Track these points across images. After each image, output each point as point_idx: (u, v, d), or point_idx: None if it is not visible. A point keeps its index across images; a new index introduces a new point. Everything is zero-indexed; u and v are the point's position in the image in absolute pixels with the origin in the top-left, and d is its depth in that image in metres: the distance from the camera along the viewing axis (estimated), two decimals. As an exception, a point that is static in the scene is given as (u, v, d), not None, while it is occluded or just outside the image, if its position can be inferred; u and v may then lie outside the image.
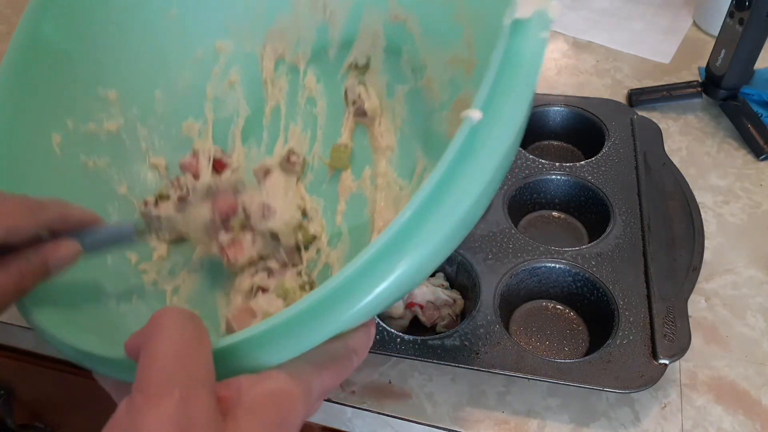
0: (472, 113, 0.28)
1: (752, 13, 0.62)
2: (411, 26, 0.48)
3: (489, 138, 0.28)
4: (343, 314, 0.26)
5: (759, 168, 0.65)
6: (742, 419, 0.47)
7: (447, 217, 0.27)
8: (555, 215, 0.62)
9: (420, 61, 0.48)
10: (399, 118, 0.50)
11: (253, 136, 0.54)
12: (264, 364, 0.27)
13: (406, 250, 0.26)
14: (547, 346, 0.51)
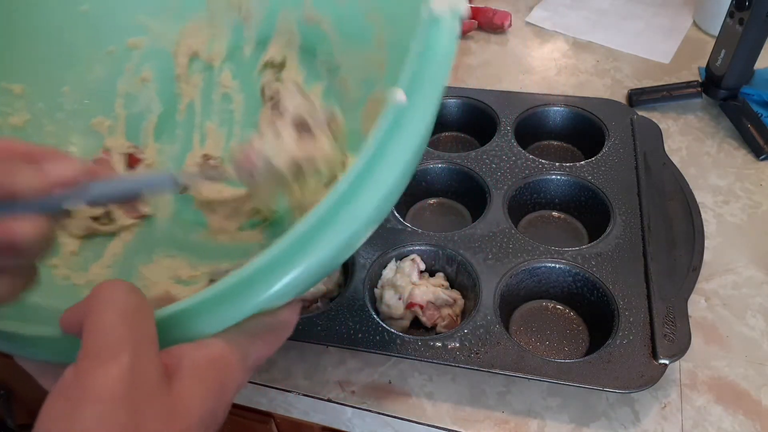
0: (397, 94, 0.30)
1: (752, 13, 0.62)
2: (325, 27, 0.51)
3: (410, 121, 0.31)
4: (262, 293, 0.28)
5: (759, 168, 0.65)
6: (742, 419, 0.47)
7: (371, 197, 0.29)
8: (555, 215, 0.62)
9: (335, 60, 0.51)
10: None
11: (167, 133, 0.54)
12: (200, 333, 0.28)
13: (319, 239, 0.28)
14: (547, 346, 0.51)
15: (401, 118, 0.30)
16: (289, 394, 0.50)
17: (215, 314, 0.28)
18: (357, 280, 0.52)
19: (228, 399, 0.29)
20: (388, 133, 0.30)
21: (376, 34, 0.47)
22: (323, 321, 0.50)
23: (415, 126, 0.31)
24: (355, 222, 0.29)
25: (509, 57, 0.83)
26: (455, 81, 0.79)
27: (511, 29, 0.87)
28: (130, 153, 0.52)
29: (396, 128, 0.30)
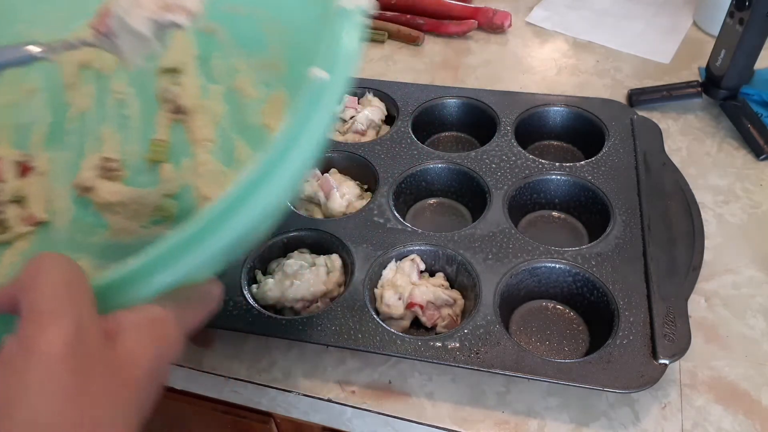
0: (318, 72, 0.35)
1: (752, 13, 0.62)
2: (221, 37, 0.54)
3: (325, 99, 0.35)
4: (186, 262, 0.31)
5: (759, 168, 0.65)
6: (742, 419, 0.47)
7: (284, 174, 0.32)
8: (555, 215, 0.62)
9: (232, 65, 0.55)
10: (218, 113, 0.55)
11: (59, 141, 0.55)
12: (133, 300, 0.30)
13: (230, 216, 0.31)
14: (547, 346, 0.51)
15: (320, 94, 0.34)
16: (289, 394, 0.50)
17: (145, 282, 0.30)
18: (357, 280, 0.52)
19: (169, 356, 0.31)
20: (307, 109, 0.34)
21: (271, 42, 0.51)
22: (323, 321, 0.50)
23: (331, 102, 0.35)
24: (270, 196, 0.32)
25: (509, 57, 0.83)
26: (455, 81, 0.79)
27: (511, 29, 0.87)
28: (21, 161, 0.53)
29: (315, 104, 0.34)
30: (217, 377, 0.52)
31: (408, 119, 0.67)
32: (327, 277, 0.54)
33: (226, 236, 0.31)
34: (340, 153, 0.65)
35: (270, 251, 0.57)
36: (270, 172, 0.32)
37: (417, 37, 0.85)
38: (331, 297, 0.54)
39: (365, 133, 0.68)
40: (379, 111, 0.70)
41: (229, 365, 0.52)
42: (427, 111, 0.69)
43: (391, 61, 0.83)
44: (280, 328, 0.50)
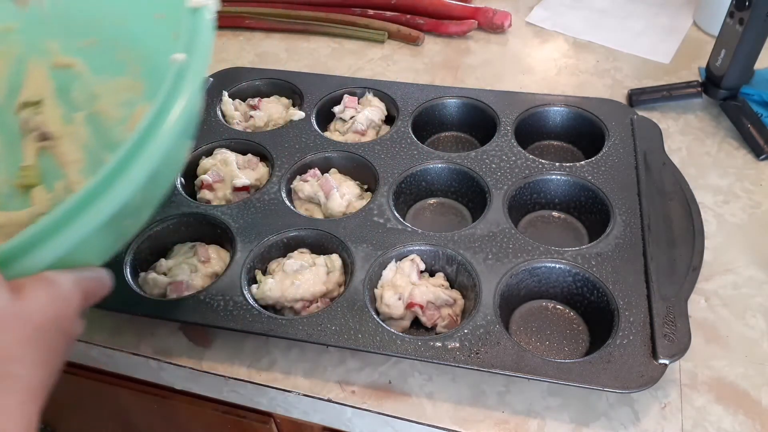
0: (178, 56, 0.40)
1: (752, 13, 0.62)
2: (78, 69, 0.57)
3: (189, 77, 0.40)
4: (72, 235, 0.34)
5: (759, 168, 0.65)
6: (742, 419, 0.47)
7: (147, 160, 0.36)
8: (555, 215, 0.62)
9: (91, 92, 0.58)
10: (83, 136, 0.58)
11: None
12: (27, 271, 0.34)
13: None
14: (547, 346, 0.51)
15: (180, 76, 0.39)
16: (289, 394, 0.50)
17: (31, 255, 0.34)
18: (357, 280, 0.52)
19: (70, 312, 0.35)
20: (171, 90, 0.38)
21: (129, 66, 0.56)
22: (323, 321, 0.50)
23: (193, 83, 0.40)
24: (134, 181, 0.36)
25: (509, 57, 0.83)
26: (455, 81, 0.79)
27: (511, 29, 0.87)
28: None
29: (177, 86, 0.39)
30: (217, 377, 0.52)
31: (408, 119, 0.67)
32: (327, 277, 0.54)
33: (93, 219, 0.35)
34: (340, 153, 0.65)
35: (270, 251, 0.57)
36: (135, 156, 0.36)
37: (417, 37, 0.85)
38: (331, 297, 0.54)
39: (365, 133, 0.68)
40: (379, 111, 0.70)
41: (229, 365, 0.52)
42: (427, 111, 0.69)
43: (391, 61, 0.83)
44: (280, 328, 0.50)
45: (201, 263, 0.56)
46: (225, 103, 0.71)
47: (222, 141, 0.67)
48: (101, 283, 0.40)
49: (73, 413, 0.80)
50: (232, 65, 0.79)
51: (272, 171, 0.63)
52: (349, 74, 0.81)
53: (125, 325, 0.55)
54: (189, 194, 0.62)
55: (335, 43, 0.87)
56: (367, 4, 0.89)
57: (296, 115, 0.69)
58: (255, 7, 0.91)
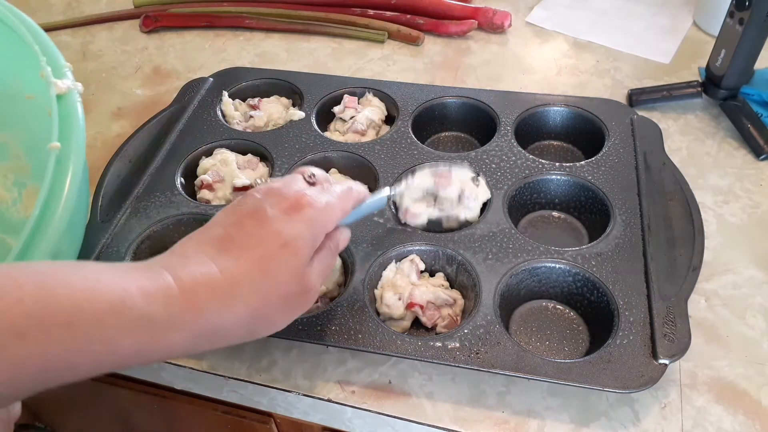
0: (54, 145, 0.46)
1: (752, 13, 0.62)
2: None
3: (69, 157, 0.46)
4: None
5: (759, 168, 0.65)
6: (742, 419, 0.47)
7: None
8: (555, 215, 0.62)
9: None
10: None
11: None
12: None
13: None
14: (547, 346, 0.51)
15: (59, 161, 0.45)
16: (289, 394, 0.50)
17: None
18: (357, 280, 0.52)
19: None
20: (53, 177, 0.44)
21: (12, 149, 0.60)
22: (323, 321, 0.50)
23: (77, 160, 0.46)
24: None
25: (509, 57, 0.83)
26: (455, 81, 0.79)
27: (511, 29, 0.87)
28: None
29: (59, 171, 0.45)
30: (217, 377, 0.52)
31: (408, 119, 0.67)
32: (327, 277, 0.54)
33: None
34: (340, 153, 0.65)
35: (270, 251, 0.57)
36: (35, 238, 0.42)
37: (417, 37, 0.85)
38: (331, 297, 0.54)
39: (365, 133, 0.68)
40: (379, 111, 0.70)
41: (229, 365, 0.52)
42: (427, 111, 0.69)
43: (391, 61, 0.83)
44: (280, 328, 0.50)
45: (201, 263, 0.56)
46: (225, 103, 0.71)
47: (222, 141, 0.67)
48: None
49: (73, 413, 0.80)
50: (232, 65, 0.79)
51: (272, 171, 0.63)
52: (349, 74, 0.81)
53: (125, 325, 0.55)
54: (189, 194, 0.62)
55: (335, 43, 0.87)
56: (367, 4, 0.89)
57: (296, 115, 0.69)
58: (255, 7, 0.91)
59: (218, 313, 0.36)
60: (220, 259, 0.37)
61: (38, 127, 0.51)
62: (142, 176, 0.62)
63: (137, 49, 0.88)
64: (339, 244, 0.45)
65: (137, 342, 0.33)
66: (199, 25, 0.91)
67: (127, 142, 0.65)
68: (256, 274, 0.37)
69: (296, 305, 0.40)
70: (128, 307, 0.32)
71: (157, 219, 0.58)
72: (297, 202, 0.40)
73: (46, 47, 0.52)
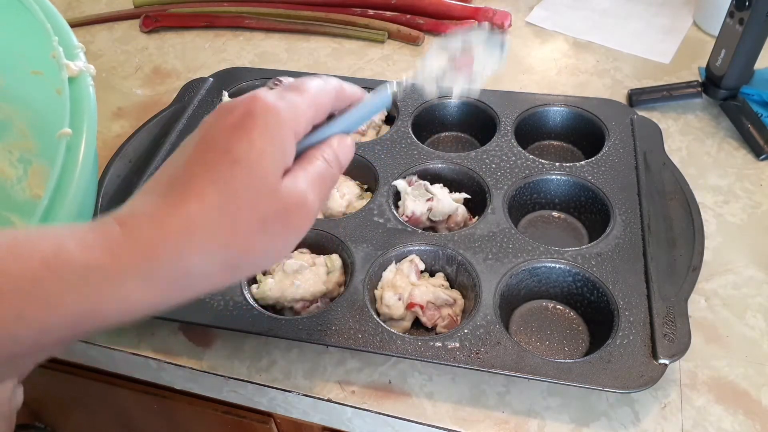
0: (65, 131, 0.44)
1: (752, 13, 0.62)
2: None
3: (80, 144, 0.44)
4: None
5: (759, 168, 0.65)
6: (742, 419, 0.47)
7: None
8: (555, 215, 0.62)
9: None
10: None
11: None
12: None
13: None
14: (547, 346, 0.51)
15: (70, 149, 0.43)
16: (289, 394, 0.50)
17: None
18: (357, 280, 0.52)
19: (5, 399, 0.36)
20: (63, 166, 0.42)
21: (16, 126, 0.59)
22: (323, 321, 0.50)
23: (89, 146, 0.44)
24: None
25: (509, 57, 0.83)
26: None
27: (511, 29, 0.87)
28: None
29: (69, 159, 0.43)
30: (217, 377, 0.52)
31: (408, 119, 0.67)
32: (327, 277, 0.54)
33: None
34: (340, 153, 0.64)
35: (270, 251, 0.57)
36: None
37: (417, 37, 0.85)
38: (331, 297, 0.54)
39: (365, 133, 0.68)
40: (379, 111, 0.70)
41: (229, 365, 0.52)
42: (427, 111, 0.69)
43: (391, 61, 0.83)
44: (280, 328, 0.50)
45: (201, 263, 0.56)
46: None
47: (222, 141, 0.67)
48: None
49: (73, 413, 0.80)
50: (232, 65, 0.79)
51: (272, 171, 0.63)
52: (349, 74, 0.81)
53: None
54: (189, 194, 0.62)
55: (335, 43, 0.87)
56: (367, 4, 0.89)
57: (296, 115, 0.69)
58: (255, 7, 0.91)
59: (177, 254, 0.31)
60: (169, 197, 0.32)
61: (45, 106, 0.49)
62: (142, 176, 0.62)
63: (137, 49, 0.88)
64: (338, 153, 0.38)
65: (84, 298, 0.29)
66: (199, 25, 0.91)
67: (127, 142, 0.65)
68: (210, 203, 0.32)
69: (285, 226, 0.34)
70: (64, 261, 0.28)
71: (157, 219, 0.58)
72: (247, 111, 0.33)
73: (59, 27, 0.50)
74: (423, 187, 0.59)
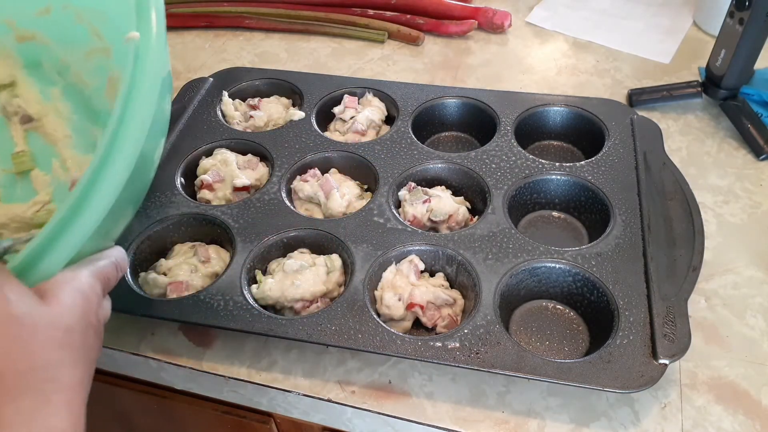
0: (133, 35, 0.39)
1: (752, 13, 0.62)
2: (42, 40, 0.58)
3: (144, 58, 0.39)
4: (76, 234, 0.37)
5: (759, 168, 0.65)
6: (742, 419, 0.47)
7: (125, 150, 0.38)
8: (555, 215, 0.62)
9: (61, 63, 0.59)
10: (65, 111, 0.59)
11: None
12: (45, 275, 0.36)
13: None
14: (547, 346, 0.51)
15: (139, 55, 0.39)
16: (289, 394, 0.50)
17: (47, 258, 0.36)
18: (357, 280, 0.52)
19: (94, 305, 0.38)
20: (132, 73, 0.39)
21: (91, 30, 0.55)
22: (323, 321, 0.50)
23: (153, 60, 0.40)
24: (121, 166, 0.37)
25: (509, 57, 0.83)
26: (455, 81, 0.79)
27: (511, 29, 0.87)
28: None
29: (138, 67, 0.39)
30: (217, 377, 0.52)
31: (408, 119, 0.67)
32: (327, 277, 0.54)
33: (90, 215, 0.37)
34: (340, 153, 0.65)
35: (270, 251, 0.57)
36: (115, 144, 0.37)
37: (417, 37, 0.85)
38: (331, 297, 0.54)
39: (365, 133, 0.68)
40: (379, 111, 0.70)
41: (229, 365, 0.52)
42: (427, 111, 0.69)
43: (391, 61, 0.83)
44: (280, 328, 0.50)
45: (201, 263, 0.56)
46: (225, 103, 0.71)
47: (222, 141, 0.67)
48: (117, 264, 0.42)
49: (73, 413, 0.80)
50: (232, 65, 0.79)
51: (272, 171, 0.63)
52: (349, 74, 0.81)
53: (125, 325, 0.55)
54: (189, 194, 0.62)
55: (335, 43, 0.87)
56: (367, 4, 0.89)
57: (296, 115, 0.69)
58: (255, 7, 0.91)
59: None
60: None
61: (117, 8, 0.46)
62: (142, 176, 0.62)
63: (137, 49, 0.88)
64: None
65: None
66: (199, 25, 0.91)
67: (127, 142, 0.65)
68: None
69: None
70: None
71: (157, 219, 0.58)
72: None
73: None
74: (421, 191, 0.59)
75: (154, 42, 0.40)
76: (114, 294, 0.49)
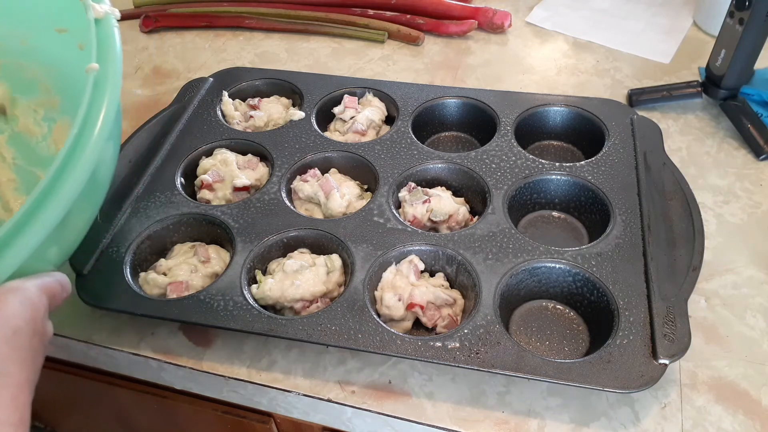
0: (92, 66, 0.44)
1: (752, 13, 0.62)
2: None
3: (106, 84, 0.44)
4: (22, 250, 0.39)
5: (759, 168, 0.65)
6: (742, 419, 0.47)
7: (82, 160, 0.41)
8: (555, 215, 0.62)
9: (9, 113, 0.62)
10: (9, 157, 0.62)
11: None
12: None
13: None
14: (547, 346, 0.51)
15: (100, 87, 0.44)
16: (289, 394, 0.50)
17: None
18: (357, 280, 0.52)
19: (41, 314, 0.39)
20: (92, 100, 0.43)
21: (40, 83, 0.60)
22: (323, 321, 0.50)
23: (114, 85, 0.45)
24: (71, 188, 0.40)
25: (509, 57, 0.83)
26: (455, 81, 0.79)
27: (511, 29, 0.87)
28: None
29: (98, 94, 0.43)
30: (217, 377, 0.52)
31: (408, 119, 0.67)
32: (327, 277, 0.54)
33: (33, 234, 0.39)
34: (340, 153, 0.65)
35: (270, 251, 0.57)
36: (70, 165, 0.40)
37: (417, 37, 0.85)
38: (331, 297, 0.54)
39: (365, 133, 0.68)
40: (379, 111, 0.70)
41: (229, 365, 0.52)
42: (427, 111, 0.69)
43: (391, 61, 0.83)
44: (280, 328, 0.50)
45: (201, 263, 0.56)
46: (225, 103, 0.71)
47: (222, 141, 0.67)
48: (62, 286, 0.43)
49: (73, 413, 0.80)
50: (232, 65, 0.79)
51: (272, 171, 0.63)
52: (349, 74, 0.81)
53: (125, 325, 0.55)
54: (189, 194, 0.62)
55: (335, 43, 0.87)
56: (367, 4, 0.90)
57: (296, 115, 0.69)
58: (255, 7, 0.91)
59: None
60: None
61: (69, 62, 0.51)
62: (142, 176, 0.62)
63: (137, 49, 0.88)
64: None
65: None
66: (199, 25, 0.91)
67: (127, 142, 0.65)
68: None
69: None
70: None
71: (157, 219, 0.59)
72: None
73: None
74: (421, 191, 0.59)
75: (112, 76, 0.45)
76: (114, 294, 0.49)
